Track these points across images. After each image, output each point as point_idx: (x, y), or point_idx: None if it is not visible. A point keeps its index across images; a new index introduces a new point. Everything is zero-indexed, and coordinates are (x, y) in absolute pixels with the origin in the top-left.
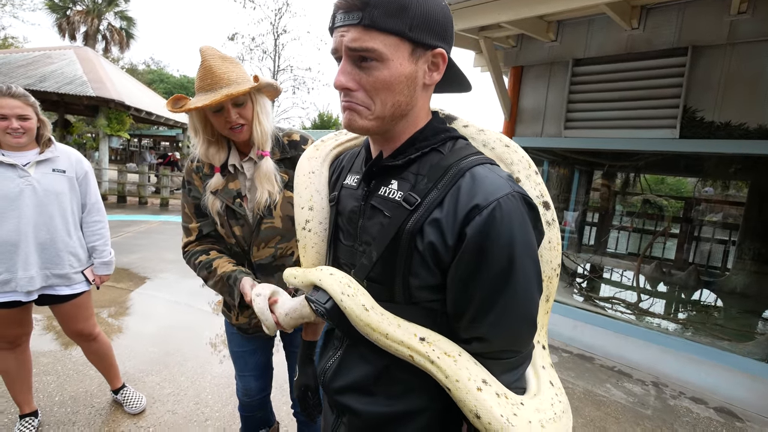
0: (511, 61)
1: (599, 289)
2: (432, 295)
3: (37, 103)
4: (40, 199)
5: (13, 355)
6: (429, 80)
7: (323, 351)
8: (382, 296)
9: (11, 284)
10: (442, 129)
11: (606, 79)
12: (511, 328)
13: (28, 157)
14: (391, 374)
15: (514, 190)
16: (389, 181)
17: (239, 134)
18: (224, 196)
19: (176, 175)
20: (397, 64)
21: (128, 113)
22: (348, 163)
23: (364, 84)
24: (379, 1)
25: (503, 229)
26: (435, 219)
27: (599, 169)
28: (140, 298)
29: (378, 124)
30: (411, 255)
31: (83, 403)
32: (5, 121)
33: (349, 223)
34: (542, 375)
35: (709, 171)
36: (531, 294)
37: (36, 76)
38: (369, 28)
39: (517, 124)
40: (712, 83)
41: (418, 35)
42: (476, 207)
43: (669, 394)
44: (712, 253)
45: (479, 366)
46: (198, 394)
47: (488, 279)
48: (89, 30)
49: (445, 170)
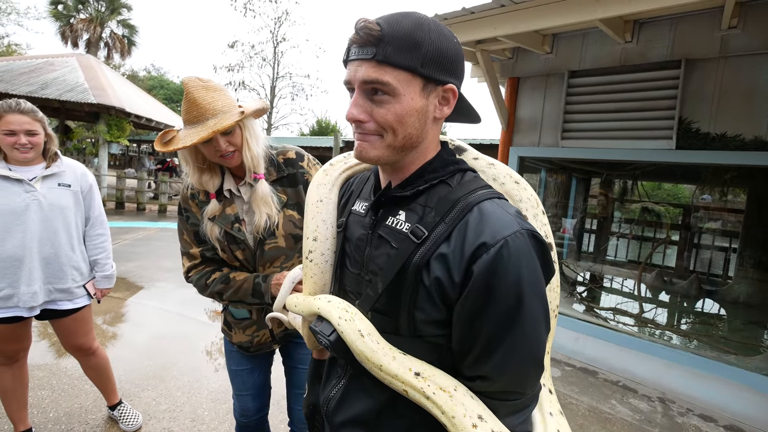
0: (508, 72)
1: (600, 299)
2: (437, 330)
3: (45, 118)
4: (46, 213)
5: (11, 371)
6: (439, 114)
7: (326, 379)
8: (386, 328)
9: (13, 299)
10: (451, 161)
11: (601, 91)
12: (517, 368)
13: (35, 171)
14: (395, 409)
15: (523, 227)
16: (397, 212)
17: (230, 161)
18: (222, 222)
19: (174, 182)
20: (409, 98)
21: (128, 120)
22: (357, 188)
23: (376, 116)
24: (393, 37)
25: (511, 268)
26: (442, 254)
27: (597, 176)
28: (136, 307)
29: (388, 154)
30: (417, 289)
31: (78, 419)
32: (14, 136)
33: (357, 251)
34: (549, 422)
35: (706, 179)
36: (539, 333)
37: (38, 83)
38: (382, 63)
39: (515, 134)
40: (707, 95)
41: (430, 71)
42: (483, 245)
43: (676, 410)
44: (713, 261)
45: (476, 400)
46: (194, 410)
47: (495, 317)
48: (92, 37)
49: (453, 204)
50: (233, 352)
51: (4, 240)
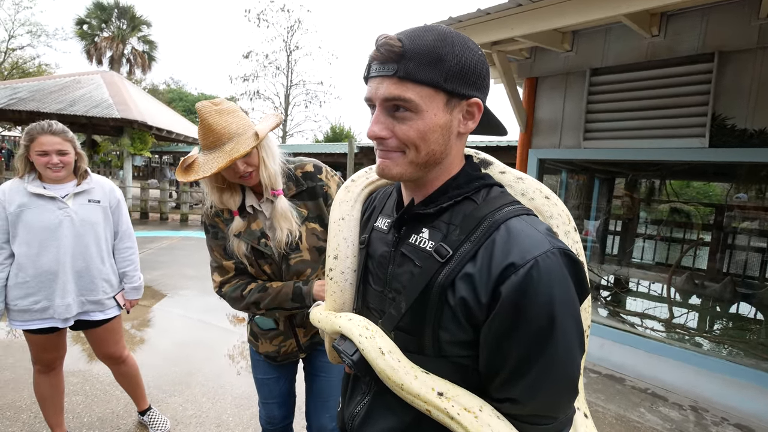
0: (525, 72)
1: (625, 303)
2: (463, 351)
3: (75, 138)
4: (77, 229)
5: (48, 379)
6: (464, 129)
7: (351, 395)
8: (410, 347)
9: (49, 311)
10: (475, 176)
11: (626, 88)
12: (549, 391)
13: (67, 189)
14: (420, 428)
15: (554, 246)
16: (420, 229)
17: (249, 180)
18: (249, 238)
19: (195, 191)
20: (432, 114)
21: (150, 132)
22: (380, 204)
23: (398, 133)
24: (415, 53)
25: (542, 289)
26: (467, 274)
27: (621, 177)
28: (161, 314)
29: (411, 171)
30: (441, 309)
31: (110, 424)
32: (46, 156)
33: (379, 268)
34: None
35: (741, 177)
36: (573, 355)
37: (67, 100)
38: (404, 80)
39: (534, 136)
40: (743, 89)
41: (453, 86)
42: (512, 265)
43: (710, 420)
44: (749, 263)
45: (502, 420)
46: (219, 416)
47: (525, 340)
48: (114, 54)
49: (478, 222)
50: (260, 361)
51: (39, 255)
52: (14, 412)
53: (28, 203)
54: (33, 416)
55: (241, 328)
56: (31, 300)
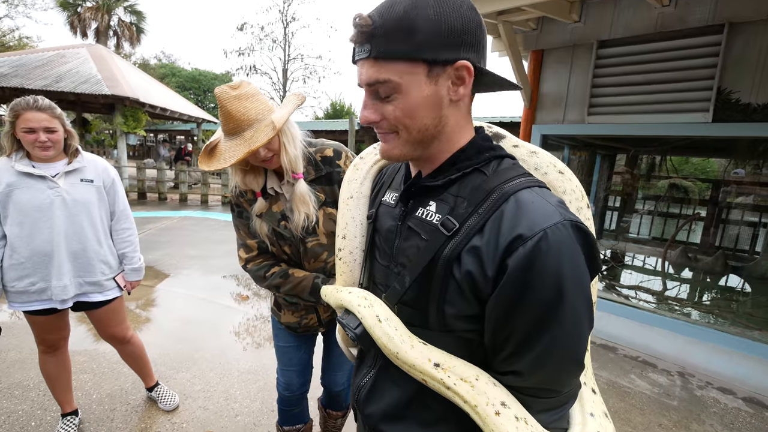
0: (531, 44)
1: (620, 277)
2: (468, 325)
3: (64, 114)
4: (70, 209)
5: (53, 358)
6: (456, 96)
7: (358, 368)
8: (414, 321)
9: (47, 293)
10: (486, 147)
11: (633, 61)
12: (554, 366)
13: (57, 168)
14: (423, 400)
15: (565, 218)
16: (427, 202)
17: (270, 164)
18: (269, 220)
19: (193, 170)
20: (415, 89)
21: (143, 110)
22: (388, 179)
23: (387, 115)
24: (385, 28)
25: (550, 262)
26: (474, 247)
27: (623, 153)
28: (165, 294)
29: (409, 150)
30: (447, 282)
31: (119, 400)
32: (33, 134)
33: (386, 243)
34: (590, 423)
35: (741, 152)
36: (580, 331)
37: (52, 76)
38: (379, 60)
39: (538, 111)
40: (751, 62)
41: (432, 54)
42: (519, 237)
43: (696, 384)
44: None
45: (498, 387)
46: (227, 389)
47: (531, 314)
48: (100, 26)
49: (487, 194)
50: (281, 330)
51: (32, 236)
52: (23, 390)
53: (17, 183)
54: (41, 394)
55: (245, 306)
56: (28, 281)
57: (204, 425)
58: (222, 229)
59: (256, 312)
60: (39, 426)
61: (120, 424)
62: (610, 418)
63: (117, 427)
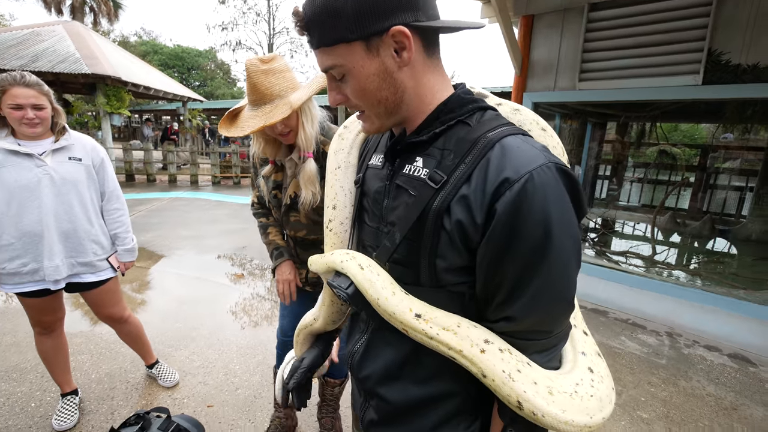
0: (522, 9)
1: (612, 243)
2: (460, 278)
3: (51, 91)
4: (59, 188)
5: (50, 339)
6: (402, 62)
7: (350, 334)
8: (406, 279)
9: (39, 273)
10: (468, 99)
11: (624, 24)
12: (545, 307)
13: (44, 146)
14: (417, 358)
15: (550, 160)
16: (414, 158)
17: (287, 139)
18: (269, 184)
19: (181, 150)
20: (359, 67)
21: (126, 89)
22: (374, 143)
23: (348, 95)
24: (314, 20)
25: (537, 203)
26: (463, 196)
27: (613, 120)
28: (160, 275)
29: (382, 121)
30: (438, 235)
31: (119, 378)
32: (20, 111)
33: (374, 204)
34: (581, 360)
35: (730, 116)
36: (568, 273)
37: (28, 55)
38: (320, 48)
39: (529, 79)
40: (741, 22)
41: (361, 31)
42: (506, 181)
43: (683, 343)
44: (728, 201)
45: (479, 328)
46: (226, 365)
47: (521, 258)
48: (75, 2)
49: (472, 143)
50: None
51: (20, 215)
52: (20, 373)
53: (3, 161)
54: (39, 376)
55: (240, 285)
56: (19, 263)
57: (205, 400)
58: (214, 209)
59: (252, 290)
60: (39, 406)
61: (121, 402)
62: (603, 358)
63: (118, 405)
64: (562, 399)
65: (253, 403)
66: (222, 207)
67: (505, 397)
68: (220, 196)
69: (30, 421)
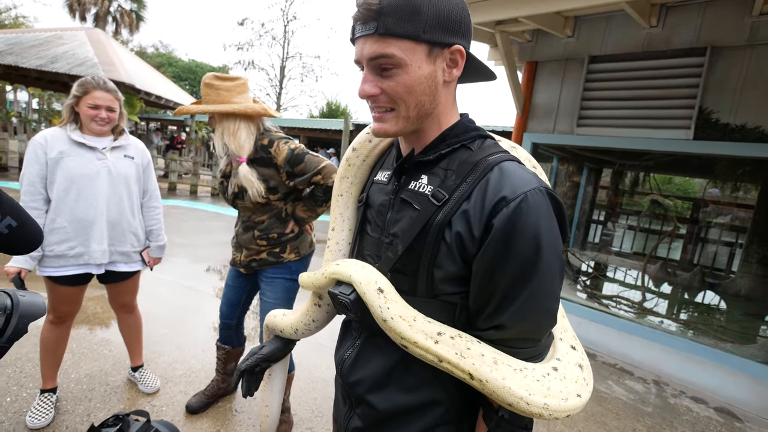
0: (526, 56)
1: (602, 287)
2: (454, 288)
3: (123, 98)
4: (113, 180)
5: (59, 330)
6: (449, 77)
7: (341, 341)
8: (404, 287)
9: (84, 257)
10: (472, 127)
11: (622, 77)
12: (533, 316)
13: (105, 142)
14: (406, 366)
15: (541, 184)
16: (419, 176)
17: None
18: (219, 172)
19: (184, 160)
20: (416, 67)
21: (138, 97)
22: (379, 163)
23: (387, 89)
24: (392, 8)
25: (530, 221)
26: (463, 211)
27: (609, 167)
28: (152, 281)
29: (405, 125)
30: (438, 246)
31: (98, 380)
32: (96, 110)
33: (378, 216)
34: (551, 361)
35: (720, 173)
36: (554, 285)
37: (48, 56)
38: (385, 36)
39: (530, 120)
40: (730, 84)
41: (433, 36)
42: (503, 199)
43: (670, 392)
44: (718, 255)
45: (433, 323)
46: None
47: (513, 270)
48: (100, 11)
49: (473, 165)
50: (231, 268)
51: (77, 201)
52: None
53: (69, 151)
54: (18, 371)
55: None
56: (67, 246)
57: (184, 410)
58: (210, 220)
59: None
60: (14, 401)
61: (98, 404)
62: (584, 371)
63: (95, 407)
64: (505, 369)
65: (233, 417)
66: (218, 219)
67: (459, 374)
68: (218, 208)
69: (3, 416)
